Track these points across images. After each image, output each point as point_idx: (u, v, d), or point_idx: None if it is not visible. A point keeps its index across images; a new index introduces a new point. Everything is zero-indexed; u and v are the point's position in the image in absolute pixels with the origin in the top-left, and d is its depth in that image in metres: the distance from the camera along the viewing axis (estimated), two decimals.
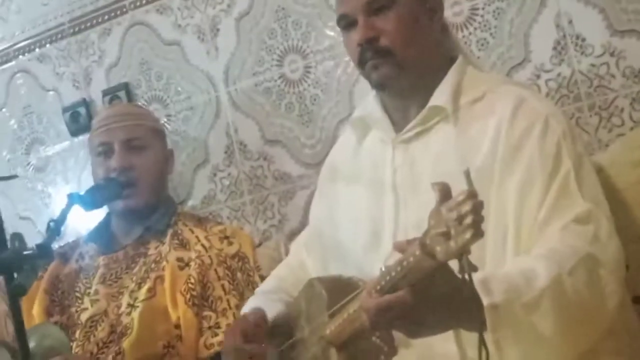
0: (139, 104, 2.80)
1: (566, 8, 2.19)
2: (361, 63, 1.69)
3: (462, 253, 1.14)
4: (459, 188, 1.13)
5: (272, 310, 1.76)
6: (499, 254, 1.49)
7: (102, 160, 2.24)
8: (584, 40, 2.18)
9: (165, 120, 2.80)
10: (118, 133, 2.24)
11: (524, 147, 1.56)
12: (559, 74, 2.22)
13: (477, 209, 1.09)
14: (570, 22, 2.19)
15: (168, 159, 2.38)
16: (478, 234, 1.09)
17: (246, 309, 1.86)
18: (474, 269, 1.21)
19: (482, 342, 1.26)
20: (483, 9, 2.30)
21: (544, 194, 1.51)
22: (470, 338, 1.32)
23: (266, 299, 1.83)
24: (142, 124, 2.30)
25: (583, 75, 2.19)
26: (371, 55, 1.67)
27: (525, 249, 1.48)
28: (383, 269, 1.28)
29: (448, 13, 2.31)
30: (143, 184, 2.22)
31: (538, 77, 2.24)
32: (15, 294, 1.50)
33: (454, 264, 1.17)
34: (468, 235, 1.10)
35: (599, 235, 1.47)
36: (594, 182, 1.58)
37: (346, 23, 1.71)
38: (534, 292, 1.32)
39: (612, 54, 2.15)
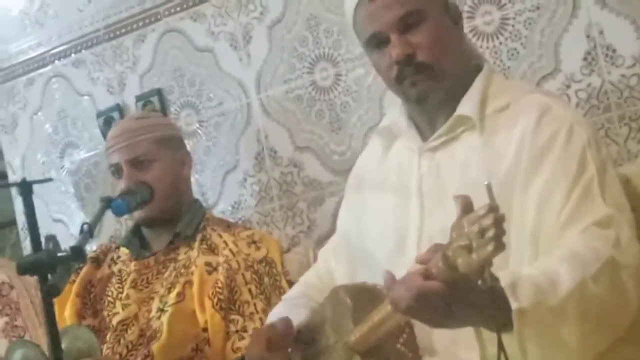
0: (151, 110, 2.83)
1: (597, 19, 2.18)
2: (399, 80, 1.68)
3: (483, 266, 1.15)
4: (483, 197, 1.14)
5: (298, 317, 1.77)
6: (520, 258, 1.50)
7: (115, 180, 2.29)
8: (614, 51, 2.17)
9: (197, 125, 2.83)
10: (122, 154, 2.26)
11: (549, 152, 1.57)
12: (589, 85, 2.21)
13: (499, 222, 1.10)
14: (601, 32, 2.18)
15: (184, 163, 2.38)
16: (500, 247, 1.10)
17: (272, 315, 1.87)
18: (496, 281, 1.23)
19: (500, 346, 1.27)
20: (514, 18, 2.29)
21: (567, 198, 1.51)
22: (492, 341, 1.32)
23: (292, 305, 1.85)
24: (144, 138, 2.29)
25: (613, 86, 2.18)
26: (410, 72, 1.66)
27: (545, 251, 1.49)
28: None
29: (478, 22, 2.33)
30: (156, 195, 2.23)
31: (568, 87, 2.23)
32: (49, 295, 1.53)
33: None
34: (490, 248, 1.11)
35: (620, 239, 1.47)
36: (618, 189, 1.58)
37: (377, 42, 1.70)
38: (559, 296, 1.32)
39: None
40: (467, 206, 1.18)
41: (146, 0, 2.90)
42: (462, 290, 1.24)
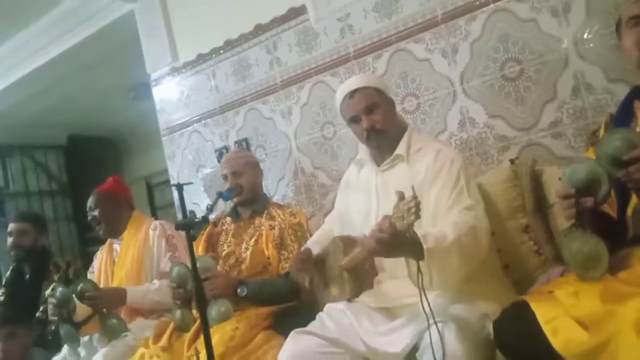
0: (242, 148, 2.82)
1: (465, 104, 2.19)
2: (368, 139, 1.70)
3: (409, 227, 1.17)
4: (409, 194, 1.16)
5: (316, 250, 1.79)
6: (427, 227, 1.49)
7: (225, 182, 2.27)
8: (474, 119, 2.18)
9: (265, 156, 2.82)
10: (228, 168, 2.25)
11: (441, 173, 1.59)
12: (461, 137, 2.22)
13: (418, 204, 1.13)
14: (467, 111, 2.19)
15: (259, 174, 2.36)
16: (418, 217, 1.13)
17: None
18: (415, 235, 1.25)
19: (418, 268, 1.29)
20: (423, 103, 2.30)
21: (450, 196, 1.54)
22: (413, 266, 1.34)
23: (312, 245, 1.86)
24: (240, 161, 2.27)
25: (473, 138, 2.19)
26: (373, 135, 1.68)
27: (440, 223, 1.50)
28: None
29: (406, 105, 2.34)
30: (244, 191, 2.22)
31: (451, 138, 2.24)
32: (190, 240, 1.55)
33: None
34: (412, 217, 1.14)
35: (478, 216, 1.50)
36: (476, 191, 1.61)
37: (354, 120, 1.72)
38: (447, 242, 1.35)
39: (489, 127, 2.15)
40: (401, 196, 1.20)
41: (238, 93, 2.90)
42: (399, 239, 1.26)
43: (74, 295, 2.20)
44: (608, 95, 1.90)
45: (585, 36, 1.94)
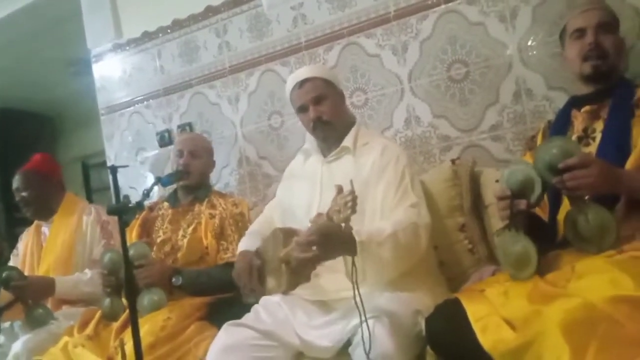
0: (198, 133, 2.75)
1: (411, 102, 2.21)
2: (315, 130, 1.69)
3: (345, 220, 1.16)
4: (348, 188, 1.14)
5: (255, 244, 1.75)
6: (372, 222, 1.50)
7: (177, 158, 2.19)
8: (419, 118, 2.20)
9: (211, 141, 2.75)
10: (188, 146, 2.19)
11: (387, 169, 1.59)
12: (406, 135, 2.23)
13: (354, 199, 1.12)
14: (413, 109, 2.21)
15: (212, 165, 2.31)
16: (354, 211, 1.13)
17: (242, 242, 1.84)
18: (351, 229, 1.24)
19: (353, 263, 1.27)
20: (372, 99, 2.31)
21: (395, 193, 1.54)
22: (349, 263, 1.32)
23: (252, 238, 1.82)
24: (202, 144, 2.24)
25: (417, 136, 2.21)
26: (320, 126, 1.67)
27: (385, 219, 1.50)
28: (310, 225, 1.30)
29: (354, 100, 2.33)
30: (194, 174, 2.17)
31: (396, 135, 2.25)
32: (123, 226, 1.46)
33: None
34: (349, 212, 1.13)
35: (421, 213, 1.51)
36: (419, 188, 1.63)
37: (302, 109, 1.70)
38: (382, 237, 1.36)
39: (433, 127, 2.18)
40: (340, 190, 1.19)
41: (184, 75, 2.81)
42: (334, 231, 1.24)
43: None
44: (547, 102, 1.97)
45: (529, 43, 1.99)
